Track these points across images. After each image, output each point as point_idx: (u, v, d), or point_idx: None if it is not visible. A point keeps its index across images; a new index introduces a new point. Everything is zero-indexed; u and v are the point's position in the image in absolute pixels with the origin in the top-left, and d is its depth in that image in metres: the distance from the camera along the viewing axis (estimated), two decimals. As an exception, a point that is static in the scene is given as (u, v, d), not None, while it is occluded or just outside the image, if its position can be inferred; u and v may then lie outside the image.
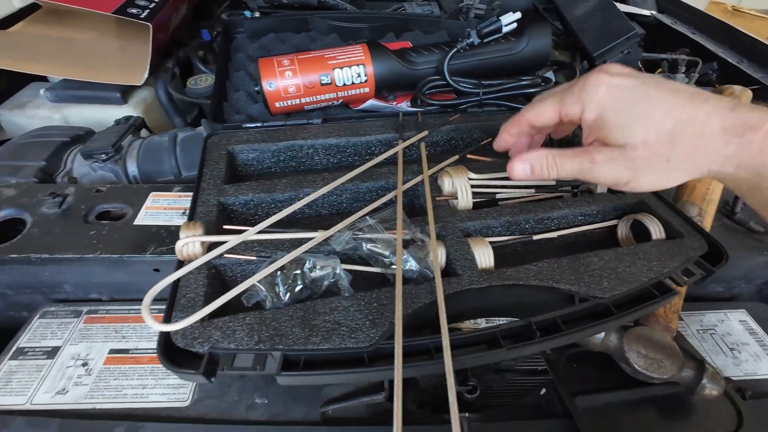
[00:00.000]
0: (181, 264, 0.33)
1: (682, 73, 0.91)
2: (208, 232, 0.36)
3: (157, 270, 0.44)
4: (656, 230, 0.40)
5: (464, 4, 1.06)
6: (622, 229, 0.44)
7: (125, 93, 0.75)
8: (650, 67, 0.96)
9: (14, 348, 0.42)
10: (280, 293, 0.31)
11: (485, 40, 0.55)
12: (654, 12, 1.16)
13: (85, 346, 0.42)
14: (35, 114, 0.74)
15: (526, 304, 0.36)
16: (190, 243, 0.32)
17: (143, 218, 0.47)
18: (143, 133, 0.69)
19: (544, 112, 0.33)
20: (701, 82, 0.97)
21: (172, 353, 0.29)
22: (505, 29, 0.54)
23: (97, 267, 0.44)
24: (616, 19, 0.82)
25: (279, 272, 0.32)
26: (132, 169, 0.59)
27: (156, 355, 0.40)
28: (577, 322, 0.32)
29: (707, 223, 0.46)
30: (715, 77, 0.99)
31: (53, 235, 0.45)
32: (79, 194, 0.49)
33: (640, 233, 0.43)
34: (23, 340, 0.42)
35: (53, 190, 0.48)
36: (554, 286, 0.34)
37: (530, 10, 1.07)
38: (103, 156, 0.58)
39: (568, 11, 0.93)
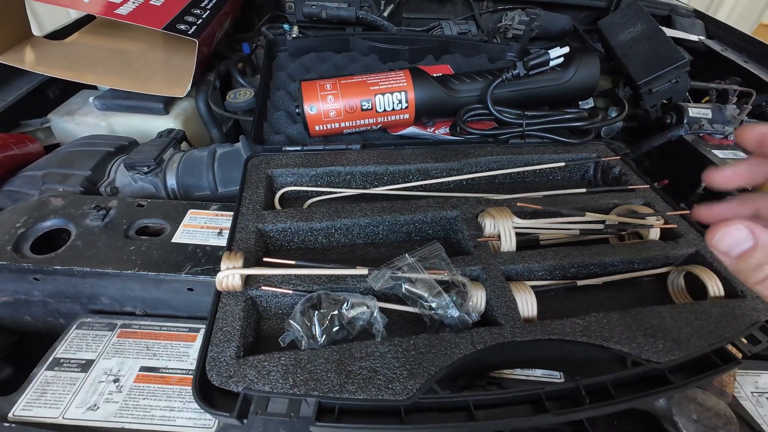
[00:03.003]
0: (219, 295, 0.33)
1: (733, 103, 0.86)
2: (246, 262, 0.35)
3: (190, 289, 0.45)
4: (714, 287, 0.37)
5: (502, 25, 1.05)
6: (674, 280, 0.41)
7: (167, 104, 0.77)
8: (697, 96, 0.91)
9: (51, 358, 0.42)
10: (317, 334, 0.30)
11: (531, 73, 0.54)
12: (702, 37, 1.12)
13: (118, 361, 0.43)
14: (83, 121, 0.76)
15: (571, 359, 0.34)
16: (230, 275, 0.32)
17: (181, 236, 0.48)
18: (184, 145, 0.71)
19: None
20: (754, 114, 0.92)
21: (206, 390, 0.28)
22: (552, 63, 0.53)
23: (134, 283, 0.45)
24: (665, 46, 0.79)
25: (316, 312, 0.31)
26: (171, 182, 0.61)
27: (184, 376, 0.41)
28: (630, 387, 0.30)
29: (769, 278, 0.43)
30: (770, 110, 0.93)
31: (95, 248, 0.46)
32: (122, 208, 0.50)
33: (693, 286, 0.40)
34: (60, 351, 0.43)
35: (98, 203, 0.50)
36: (604, 344, 0.32)
37: (572, 32, 1.05)
38: (145, 169, 0.59)
39: (612, 36, 0.90)
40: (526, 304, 0.35)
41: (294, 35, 0.95)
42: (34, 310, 0.49)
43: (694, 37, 1.09)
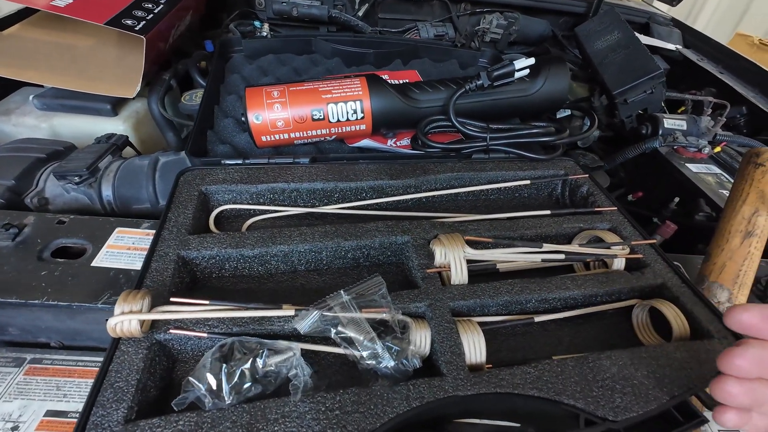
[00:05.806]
0: (117, 343, 0.28)
1: (708, 115, 0.85)
2: (156, 299, 0.31)
3: (110, 320, 0.40)
4: (679, 326, 0.34)
5: (480, 28, 1.02)
6: (639, 315, 0.38)
7: (116, 105, 0.71)
8: (673, 105, 0.90)
9: (-59, 402, 0.37)
10: (224, 393, 0.26)
11: (496, 84, 0.50)
12: (679, 46, 1.11)
13: (20, 404, 0.37)
14: (22, 122, 0.70)
15: (521, 412, 0.30)
16: (125, 321, 0.27)
17: (103, 258, 0.43)
18: (129, 151, 0.65)
19: None
20: (728, 127, 0.91)
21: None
22: (517, 74, 0.49)
23: (44, 313, 0.40)
24: (641, 56, 0.77)
25: (224, 365, 0.26)
26: (107, 193, 0.55)
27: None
28: (581, 452, 0.26)
29: (738, 311, 0.40)
30: (743, 122, 0.93)
31: (1, 272, 0.40)
32: (38, 225, 0.45)
33: (660, 320, 0.37)
34: (-47, 392, 0.38)
35: (9, 220, 0.44)
36: (556, 398, 0.28)
37: (547, 50, 1.02)
38: (76, 178, 0.54)
39: (589, 43, 0.88)
40: (474, 347, 0.31)
41: (264, 34, 0.90)
42: (-66, 341, 0.44)
43: (671, 46, 1.08)
